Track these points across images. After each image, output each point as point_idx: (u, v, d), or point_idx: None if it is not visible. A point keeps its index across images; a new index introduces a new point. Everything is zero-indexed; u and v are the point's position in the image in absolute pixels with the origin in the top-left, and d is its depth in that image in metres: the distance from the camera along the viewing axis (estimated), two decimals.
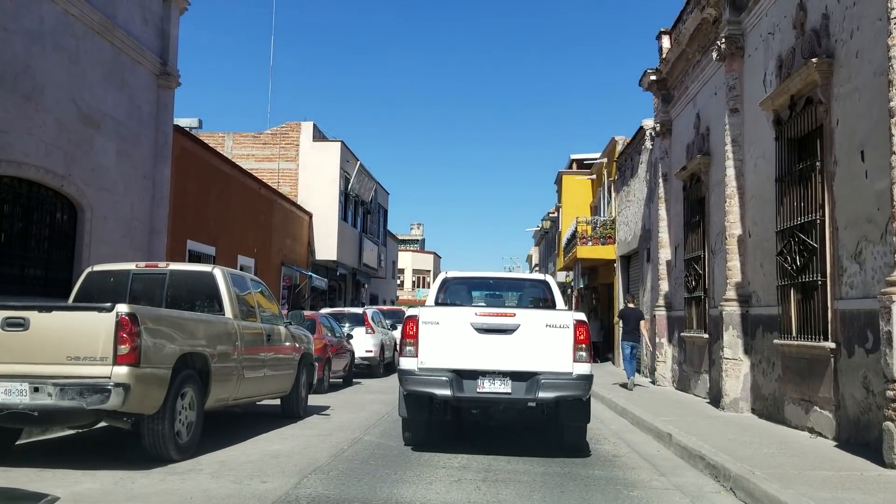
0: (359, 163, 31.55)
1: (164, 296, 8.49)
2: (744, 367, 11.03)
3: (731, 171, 11.50)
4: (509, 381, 7.56)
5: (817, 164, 8.82)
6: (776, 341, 9.74)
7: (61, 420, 6.73)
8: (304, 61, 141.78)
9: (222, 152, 23.76)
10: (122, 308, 6.34)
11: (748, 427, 9.39)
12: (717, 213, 12.53)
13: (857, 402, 7.76)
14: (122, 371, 6.25)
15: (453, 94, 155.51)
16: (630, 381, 15.04)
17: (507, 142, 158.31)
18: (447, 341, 7.66)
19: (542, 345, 7.56)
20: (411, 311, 8.03)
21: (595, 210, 29.92)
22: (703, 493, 6.29)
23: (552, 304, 9.14)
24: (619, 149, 23.47)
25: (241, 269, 18.96)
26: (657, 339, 16.18)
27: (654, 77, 16.29)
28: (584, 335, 7.57)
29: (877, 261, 7.44)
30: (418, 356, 7.63)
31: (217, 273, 8.54)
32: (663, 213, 16.17)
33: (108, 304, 6.37)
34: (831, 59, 8.46)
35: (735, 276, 11.34)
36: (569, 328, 7.57)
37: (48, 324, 6.40)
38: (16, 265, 11.01)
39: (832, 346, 8.26)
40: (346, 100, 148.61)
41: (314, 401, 11.98)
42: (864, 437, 7.57)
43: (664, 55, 15.94)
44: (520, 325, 7.62)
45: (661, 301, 16.18)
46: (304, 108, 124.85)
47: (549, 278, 9.88)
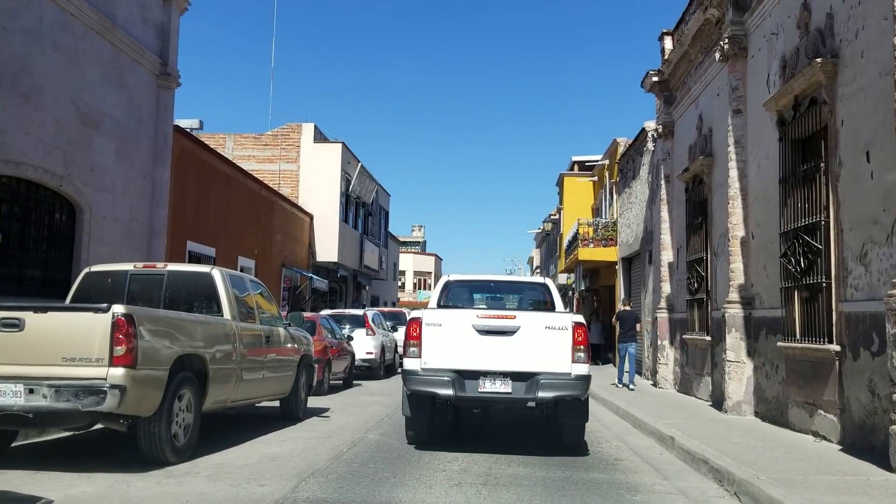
0: (360, 164, 31.48)
1: (162, 297, 8.41)
2: (747, 369, 10.94)
3: (734, 173, 11.42)
4: (510, 381, 7.73)
5: (822, 165, 8.73)
6: (780, 344, 9.65)
7: (57, 422, 6.66)
8: (306, 61, 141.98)
9: (223, 153, 23.71)
10: (118, 309, 6.27)
11: (751, 430, 9.30)
12: (720, 214, 12.45)
13: (862, 405, 7.67)
14: (119, 373, 6.17)
15: (454, 95, 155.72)
16: (626, 380, 15.45)
17: (507, 143, 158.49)
18: (449, 343, 7.84)
19: (542, 346, 7.74)
20: (415, 314, 8.20)
21: (596, 212, 29.83)
22: (707, 498, 6.21)
23: (551, 306, 9.30)
24: (621, 150, 23.38)
25: (242, 271, 18.89)
26: (659, 342, 16.09)
27: (656, 78, 16.20)
28: (582, 337, 7.75)
29: (882, 263, 7.35)
30: (421, 357, 7.81)
31: (215, 274, 8.47)
32: (665, 214, 16.08)
33: (105, 304, 6.30)
34: (836, 59, 8.38)
35: (738, 279, 11.26)
36: (567, 330, 7.76)
37: (43, 324, 6.32)
38: (14, 265, 10.94)
39: (837, 348, 8.17)
40: (347, 100, 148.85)
41: (314, 403, 11.89)
42: (870, 442, 7.47)
43: (666, 56, 15.88)
44: (520, 327, 7.79)
45: (663, 303, 16.10)
46: (305, 109, 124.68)
47: (549, 281, 10.04)
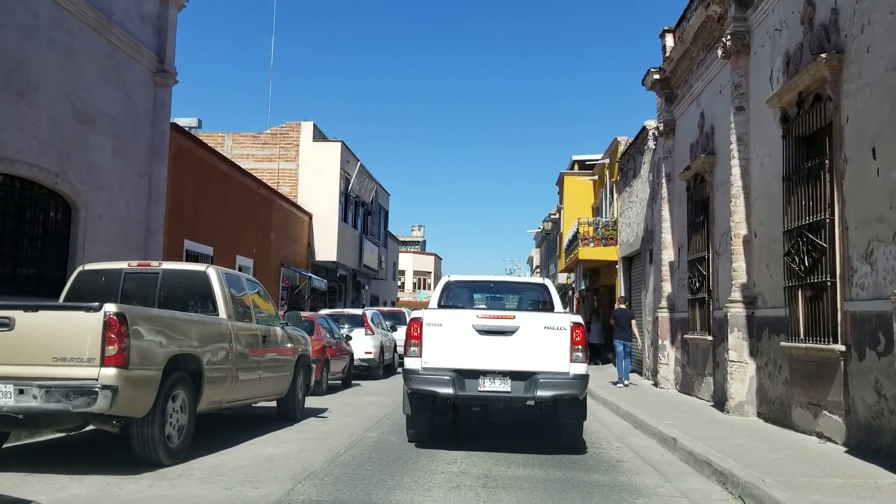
0: (359, 163, 31.34)
1: (157, 295, 8.29)
2: (749, 369, 10.82)
3: (736, 171, 11.29)
4: (509, 381, 7.82)
5: (826, 162, 8.61)
6: (783, 344, 9.52)
7: (47, 423, 6.54)
8: (305, 61, 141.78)
9: (222, 152, 23.58)
10: (110, 308, 6.14)
11: (754, 431, 9.18)
12: (722, 213, 12.32)
13: (868, 406, 7.54)
14: (110, 373, 6.05)
15: (455, 95, 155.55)
16: (622, 378, 15.80)
17: (508, 143, 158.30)
18: (450, 342, 7.92)
19: (541, 346, 7.83)
20: (415, 314, 8.27)
21: (597, 211, 29.71)
22: (711, 501, 6.09)
23: (550, 306, 9.38)
24: (622, 149, 23.26)
25: (240, 270, 18.77)
26: (660, 341, 15.97)
27: (657, 76, 16.07)
28: (580, 337, 7.85)
29: (889, 261, 7.23)
30: (422, 356, 7.89)
31: (211, 272, 8.34)
32: (666, 213, 15.96)
33: (96, 303, 6.17)
34: (841, 55, 8.25)
35: (740, 278, 11.13)
36: (566, 330, 7.85)
37: (34, 324, 6.19)
38: (8, 264, 10.82)
39: (842, 348, 8.04)
40: (347, 100, 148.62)
41: (312, 403, 11.77)
42: (876, 443, 7.35)
43: (668, 54, 15.74)
44: (519, 327, 7.88)
45: (664, 302, 15.97)
46: (304, 108, 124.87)
47: (548, 282, 10.14)
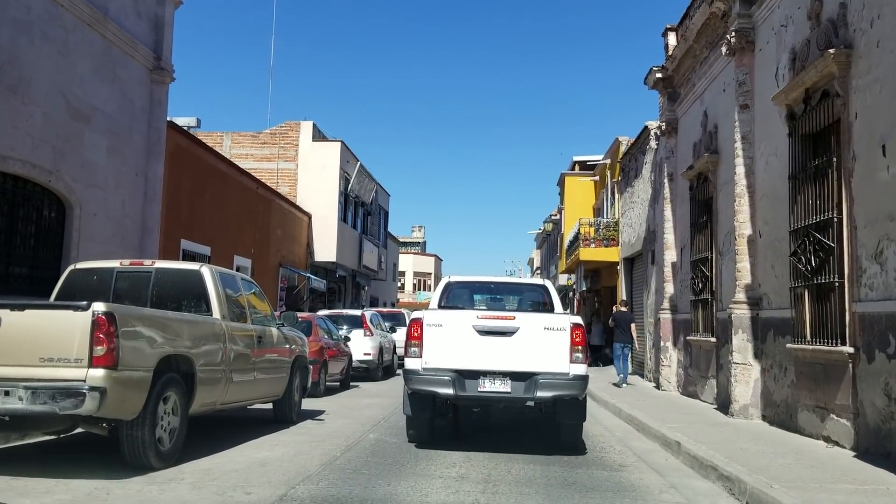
0: (359, 163, 31.16)
1: (150, 295, 8.10)
2: (754, 372, 10.63)
3: (740, 170, 11.11)
4: (509, 381, 7.83)
5: (834, 159, 8.42)
6: (789, 345, 9.33)
7: (33, 425, 6.36)
8: (305, 61, 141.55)
9: (220, 152, 23.40)
10: (98, 307, 5.96)
11: (760, 435, 8.99)
12: (726, 212, 12.14)
13: (877, 410, 7.35)
14: (98, 374, 5.86)
15: (455, 96, 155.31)
16: (620, 379, 16.10)
17: (508, 144, 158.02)
18: (450, 343, 7.94)
19: (541, 346, 7.84)
20: (416, 314, 8.30)
21: (598, 212, 29.53)
22: None
23: (550, 307, 9.40)
24: (623, 149, 23.08)
25: (238, 270, 18.59)
26: (662, 343, 15.79)
27: (660, 74, 15.89)
28: (580, 338, 7.87)
29: None
30: (422, 357, 7.91)
31: (205, 271, 8.16)
32: (669, 213, 15.78)
33: (84, 302, 5.99)
34: (849, 50, 8.07)
35: (745, 278, 10.94)
36: (566, 331, 7.86)
37: (21, 323, 6.01)
38: (0, 262, 10.64)
39: (850, 350, 7.85)
40: (347, 101, 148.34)
41: (309, 405, 11.60)
42: (886, 448, 7.16)
43: (670, 52, 15.57)
44: (519, 328, 7.89)
45: (666, 304, 15.78)
46: (304, 109, 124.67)
47: (548, 283, 10.19)
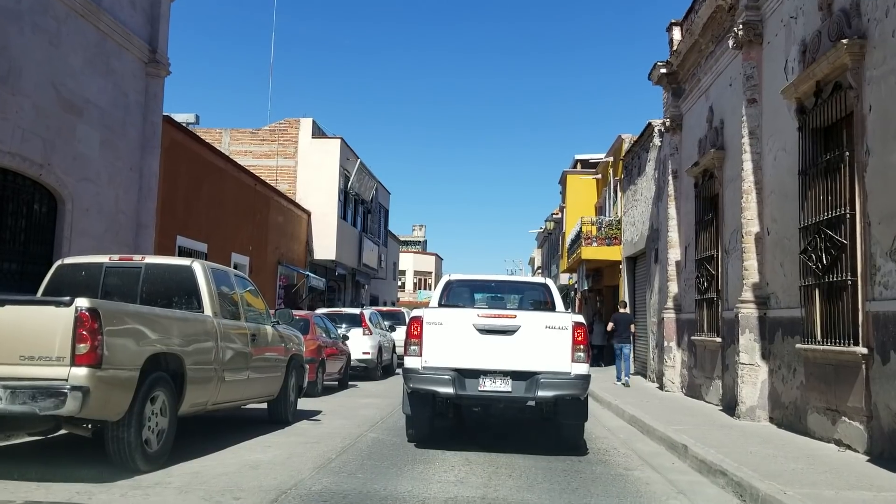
0: (359, 161, 30.89)
1: (139, 291, 7.84)
2: (761, 373, 10.36)
3: (748, 166, 10.84)
4: (510, 381, 7.73)
5: (846, 154, 8.15)
6: (798, 346, 9.07)
7: (13, 426, 6.12)
8: (305, 59, 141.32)
9: (220, 149, 23.14)
10: (81, 303, 5.70)
11: (769, 438, 8.73)
12: (732, 210, 11.88)
13: (892, 412, 7.08)
14: (81, 373, 5.61)
15: (457, 96, 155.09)
16: (624, 380, 16.48)
17: (510, 144, 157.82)
18: (450, 341, 7.83)
19: (542, 345, 7.74)
20: (416, 312, 8.15)
21: (600, 210, 29.27)
22: None
23: (552, 306, 9.30)
24: (626, 147, 22.81)
25: (235, 268, 18.36)
26: (665, 343, 15.52)
27: (664, 70, 15.62)
28: (581, 336, 7.75)
29: None
30: (422, 355, 7.80)
31: (196, 267, 7.90)
32: (673, 211, 15.51)
33: (67, 297, 5.74)
34: (863, 41, 7.80)
35: (752, 277, 10.67)
36: (567, 330, 7.76)
37: (0, 319, 5.76)
38: None
39: (864, 351, 7.58)
40: (348, 100, 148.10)
41: (305, 405, 11.34)
42: None
43: (675, 47, 15.30)
44: (520, 327, 7.79)
45: (670, 303, 15.51)
46: (304, 107, 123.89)
47: (550, 281, 10.06)
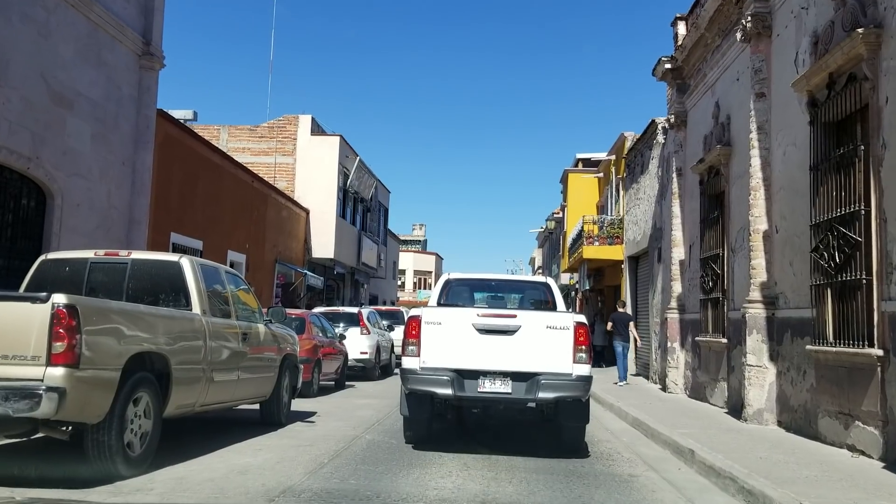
0: (358, 158, 30.58)
1: (125, 288, 7.54)
2: (769, 375, 10.06)
3: (756, 161, 10.54)
4: (510, 382, 7.59)
5: (861, 148, 7.85)
6: (809, 347, 8.77)
7: None
8: (305, 57, 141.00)
9: (217, 145, 22.83)
10: (59, 298, 5.41)
11: (778, 442, 8.43)
12: (739, 207, 11.57)
13: None
14: (57, 373, 5.32)
15: (457, 95, 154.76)
16: (621, 377, 16.60)
17: (511, 143, 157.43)
18: (449, 341, 7.68)
19: (543, 346, 7.59)
20: (414, 312, 7.99)
21: (602, 209, 28.97)
22: None
23: (553, 305, 9.16)
24: (629, 145, 22.50)
25: (232, 265, 18.06)
26: (668, 344, 15.22)
27: (669, 65, 15.30)
28: (583, 337, 7.60)
29: None
30: (420, 356, 7.65)
31: (184, 263, 7.60)
32: (677, 209, 15.21)
33: (43, 293, 5.44)
34: (879, 30, 7.50)
35: (760, 276, 10.37)
36: (569, 330, 7.61)
37: None
38: None
39: (879, 353, 7.28)
40: (348, 99, 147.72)
41: (300, 406, 11.04)
42: None
43: (680, 42, 14.99)
44: (520, 327, 7.64)
45: (674, 303, 15.21)
46: (304, 106, 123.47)
47: (551, 280, 9.90)
